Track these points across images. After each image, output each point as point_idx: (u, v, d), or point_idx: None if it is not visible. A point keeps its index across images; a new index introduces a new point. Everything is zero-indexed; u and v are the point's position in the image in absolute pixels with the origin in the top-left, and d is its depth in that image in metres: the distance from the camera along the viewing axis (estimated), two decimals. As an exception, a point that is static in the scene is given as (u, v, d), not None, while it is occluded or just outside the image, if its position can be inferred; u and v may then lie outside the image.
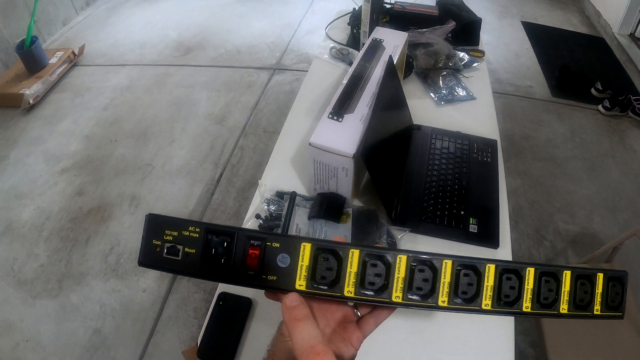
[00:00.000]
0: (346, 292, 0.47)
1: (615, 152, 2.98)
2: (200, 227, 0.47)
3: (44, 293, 2.19)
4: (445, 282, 0.47)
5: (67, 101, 3.40)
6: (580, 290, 0.49)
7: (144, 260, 0.48)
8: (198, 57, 3.86)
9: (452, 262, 0.47)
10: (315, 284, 0.47)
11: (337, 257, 0.47)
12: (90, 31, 4.34)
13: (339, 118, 1.10)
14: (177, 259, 0.47)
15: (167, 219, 0.47)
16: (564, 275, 0.48)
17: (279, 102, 3.30)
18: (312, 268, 0.47)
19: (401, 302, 0.47)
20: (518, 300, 0.48)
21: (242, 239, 0.47)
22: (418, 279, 0.47)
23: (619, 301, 0.51)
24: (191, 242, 0.47)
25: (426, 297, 0.47)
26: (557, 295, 0.48)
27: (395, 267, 0.47)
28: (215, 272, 0.47)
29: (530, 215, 2.54)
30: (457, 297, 0.47)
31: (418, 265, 0.47)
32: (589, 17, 4.56)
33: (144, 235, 0.48)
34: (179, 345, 2.00)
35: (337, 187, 1.14)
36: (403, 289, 0.47)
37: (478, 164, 1.33)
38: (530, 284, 0.48)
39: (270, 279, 0.47)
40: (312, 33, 4.11)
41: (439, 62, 1.70)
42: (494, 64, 3.70)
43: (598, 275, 0.49)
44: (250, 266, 0.47)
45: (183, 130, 3.09)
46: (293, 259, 0.47)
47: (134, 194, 2.65)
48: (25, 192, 2.69)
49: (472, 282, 0.47)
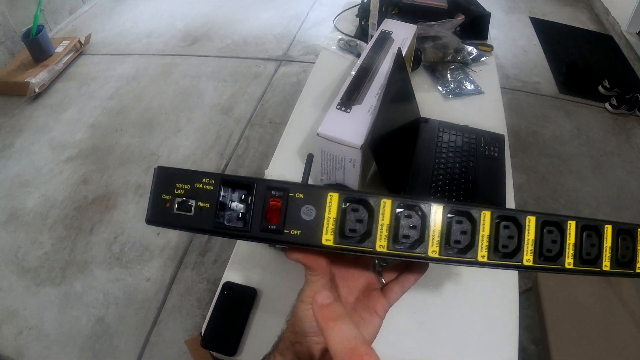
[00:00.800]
0: (378, 247, 0.42)
1: (622, 150, 2.96)
2: (215, 178, 0.43)
3: (47, 281, 2.20)
4: (484, 235, 0.43)
5: (72, 90, 3.40)
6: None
7: (153, 217, 0.44)
8: (204, 48, 3.86)
9: (491, 213, 0.43)
10: (344, 238, 0.42)
11: (368, 207, 0.43)
12: (97, 20, 4.34)
13: (347, 109, 1.10)
14: (189, 214, 0.43)
15: (178, 171, 0.43)
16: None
17: (286, 93, 3.29)
18: (340, 220, 0.42)
19: (438, 257, 0.43)
20: (560, 255, 0.44)
21: (261, 191, 0.43)
22: (456, 232, 0.43)
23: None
24: (205, 196, 0.43)
25: (464, 252, 0.43)
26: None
27: (430, 219, 0.43)
28: (232, 227, 0.43)
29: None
30: (498, 252, 0.43)
31: (455, 217, 0.43)
32: (598, 14, 4.54)
33: (152, 189, 0.44)
34: (182, 335, 2.00)
35: (344, 178, 1.14)
36: (440, 242, 0.43)
37: (485, 158, 1.32)
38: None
39: (293, 234, 0.42)
40: (320, 24, 4.09)
41: (447, 55, 1.69)
42: (501, 59, 3.68)
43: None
44: (271, 219, 0.42)
45: (189, 121, 3.09)
46: (319, 211, 0.42)
47: (139, 183, 2.65)
48: (30, 180, 2.70)
49: (513, 235, 0.43)
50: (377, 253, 0.43)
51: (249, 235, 0.43)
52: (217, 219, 0.43)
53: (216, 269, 2.22)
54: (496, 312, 0.99)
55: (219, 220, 0.43)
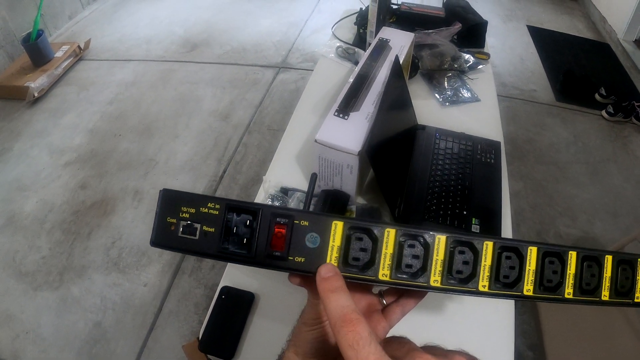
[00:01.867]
0: (381, 276, 0.43)
1: (618, 157, 2.98)
2: (221, 203, 0.44)
3: (45, 285, 2.20)
4: (486, 266, 0.44)
5: (72, 95, 3.41)
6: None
7: (157, 239, 0.44)
8: (203, 54, 3.87)
9: (494, 244, 0.44)
10: (347, 266, 0.43)
11: (372, 236, 0.43)
12: (97, 26, 4.35)
13: (344, 116, 1.11)
14: (194, 238, 0.43)
15: (183, 195, 0.44)
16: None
17: (284, 100, 3.30)
18: (345, 249, 0.43)
19: (440, 286, 0.44)
20: (560, 286, 0.45)
21: (266, 217, 0.43)
22: (458, 262, 0.44)
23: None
24: (210, 220, 0.43)
25: (466, 282, 0.44)
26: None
27: (434, 249, 0.44)
28: (236, 253, 0.43)
29: (531, 218, 2.54)
30: (499, 282, 0.44)
31: (458, 247, 0.44)
32: (595, 22, 4.56)
33: (157, 212, 0.44)
34: (179, 340, 2.01)
35: (342, 184, 1.15)
36: (442, 272, 0.44)
37: (481, 165, 1.33)
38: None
39: (298, 261, 0.43)
40: (318, 32, 4.11)
41: (445, 63, 1.71)
42: (498, 67, 3.70)
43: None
44: (275, 246, 0.43)
45: (187, 126, 3.10)
46: (323, 238, 0.43)
47: (137, 188, 2.66)
48: (29, 184, 2.70)
49: (514, 265, 0.44)
50: (380, 282, 0.44)
51: (254, 261, 0.44)
52: (222, 244, 0.43)
53: (213, 274, 2.22)
54: (492, 317, 1.00)
55: (223, 245, 0.43)
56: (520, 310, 1.95)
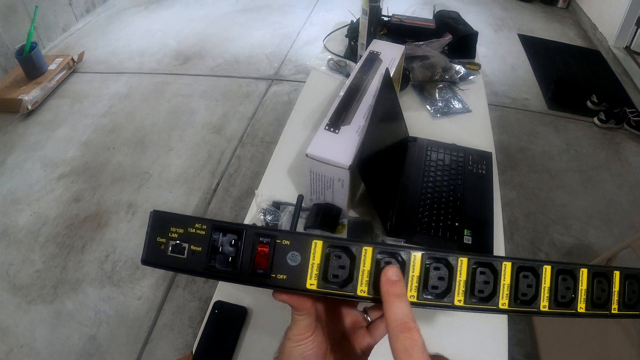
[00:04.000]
0: (359, 292, 0.45)
1: (611, 164, 3.00)
2: (207, 224, 0.45)
3: (39, 299, 2.19)
4: (461, 281, 0.46)
5: (65, 107, 3.41)
6: (598, 288, 0.48)
7: (148, 258, 0.45)
8: (197, 67, 3.88)
9: (468, 260, 0.46)
10: (327, 283, 0.45)
11: (350, 255, 0.45)
12: (90, 38, 4.36)
13: (335, 129, 1.12)
14: (182, 257, 0.45)
15: (172, 216, 0.46)
16: (581, 273, 0.47)
17: (277, 112, 3.31)
18: (324, 266, 0.45)
19: (416, 301, 0.45)
20: (535, 299, 0.46)
21: (250, 237, 0.45)
22: (433, 277, 0.45)
23: (636, 300, 0.49)
24: (197, 240, 0.45)
25: (441, 297, 0.45)
26: (574, 293, 0.47)
27: (410, 265, 0.45)
28: (222, 271, 0.45)
29: (525, 227, 2.55)
30: (474, 297, 0.46)
31: (433, 264, 0.46)
32: (585, 30, 4.60)
33: (148, 232, 0.45)
34: (174, 354, 2.00)
35: (333, 198, 1.15)
36: (418, 287, 0.45)
37: (473, 176, 1.34)
38: (547, 282, 0.47)
39: (280, 278, 0.45)
40: (311, 44, 4.13)
41: (436, 74, 1.72)
42: (490, 76, 3.73)
43: (615, 273, 0.48)
44: (259, 264, 0.45)
45: (180, 139, 3.10)
46: (304, 256, 0.45)
47: (131, 201, 2.65)
48: (22, 198, 2.70)
49: (489, 280, 0.46)
50: (358, 297, 0.46)
51: (238, 278, 0.45)
52: (209, 262, 0.45)
53: (208, 288, 2.22)
54: (485, 328, 1.00)
55: (210, 263, 0.45)
56: (516, 320, 1.96)
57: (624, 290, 0.48)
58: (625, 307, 0.48)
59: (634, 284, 0.49)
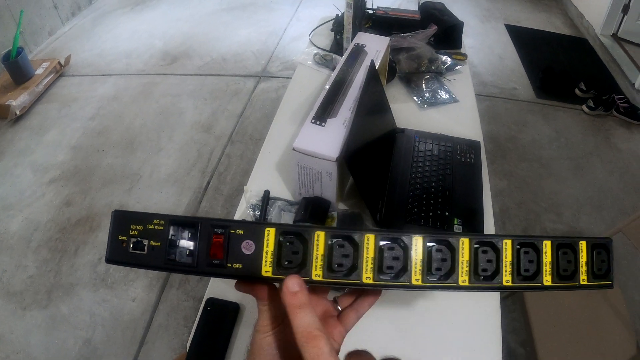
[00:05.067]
0: (314, 276, 0.46)
1: (600, 151, 3.01)
2: (164, 219, 0.46)
3: (33, 304, 2.19)
4: (418, 260, 0.46)
5: (54, 112, 3.40)
6: (563, 260, 0.48)
7: (111, 256, 0.46)
8: (184, 66, 3.87)
9: (423, 238, 0.46)
10: (281, 269, 0.46)
11: (303, 240, 0.46)
12: (77, 41, 4.34)
13: (321, 123, 1.12)
14: (143, 253, 0.46)
15: (132, 214, 0.47)
16: (544, 245, 0.48)
17: (265, 109, 3.31)
18: (278, 253, 0.46)
19: (372, 282, 0.46)
20: (497, 274, 0.47)
21: (206, 229, 0.46)
22: (388, 258, 0.46)
23: (605, 269, 0.49)
24: (156, 236, 0.46)
25: (398, 277, 0.46)
26: (538, 266, 0.47)
27: (363, 247, 0.46)
28: (181, 264, 0.46)
29: (517, 215, 2.56)
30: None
31: (388, 245, 0.46)
32: (572, 18, 4.62)
33: (110, 231, 0.47)
34: (170, 354, 2.00)
35: (322, 191, 1.15)
36: (373, 269, 0.46)
37: (462, 165, 1.34)
38: (508, 256, 0.47)
39: (236, 267, 0.46)
40: (297, 40, 4.13)
41: (422, 66, 1.72)
42: (478, 67, 3.73)
43: (580, 244, 0.49)
44: (215, 255, 0.46)
45: (170, 139, 3.09)
46: (258, 245, 0.46)
47: (122, 203, 2.65)
48: (13, 203, 2.68)
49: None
50: (313, 282, 0.46)
51: (197, 270, 0.46)
52: (168, 257, 0.46)
53: (201, 286, 2.22)
54: (479, 316, 1.01)
55: (169, 257, 0.46)
56: (510, 308, 1.96)
57: (592, 261, 0.49)
58: (595, 278, 0.49)
59: (602, 254, 0.49)
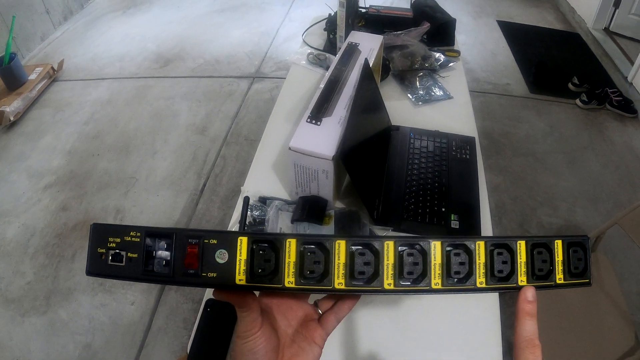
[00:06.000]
0: (287, 283, 0.47)
1: (595, 144, 3.02)
2: (141, 231, 0.47)
3: (32, 310, 2.18)
4: (389, 264, 0.47)
5: (47, 117, 3.39)
6: (538, 259, 0.49)
7: (91, 269, 0.47)
8: (177, 69, 3.87)
9: (394, 243, 0.47)
10: (254, 277, 0.47)
11: (274, 248, 0.47)
12: (69, 46, 4.33)
13: (317, 122, 1.12)
14: (121, 264, 0.47)
15: (109, 227, 0.48)
16: (518, 245, 0.48)
17: (260, 110, 3.31)
18: (250, 261, 0.47)
19: (344, 288, 0.47)
20: (471, 275, 0.48)
21: (181, 239, 0.47)
22: (359, 264, 0.47)
23: (582, 267, 0.50)
24: (133, 247, 0.47)
25: (370, 282, 0.47)
26: (512, 266, 0.48)
27: (334, 253, 0.47)
28: (158, 274, 0.47)
29: (513, 210, 2.57)
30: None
31: (358, 250, 0.47)
32: (564, 13, 4.63)
33: (89, 244, 0.47)
34: (170, 357, 2.00)
35: (319, 190, 1.15)
36: (345, 274, 0.47)
37: (457, 161, 1.35)
38: (481, 258, 0.48)
39: (210, 276, 0.46)
40: (290, 40, 4.14)
41: (415, 63, 1.72)
42: (471, 63, 3.74)
43: (556, 243, 0.49)
44: (190, 265, 0.46)
45: (165, 142, 3.09)
46: (231, 254, 0.46)
47: (118, 207, 2.64)
48: (9, 210, 2.68)
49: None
50: (286, 289, 0.47)
51: (173, 280, 0.47)
52: (146, 268, 0.47)
53: (201, 288, 2.21)
54: (478, 311, 1.01)
55: (147, 268, 0.47)
56: (509, 303, 1.96)
57: (569, 259, 0.49)
58: (572, 276, 0.49)
59: (579, 252, 0.50)
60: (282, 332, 0.54)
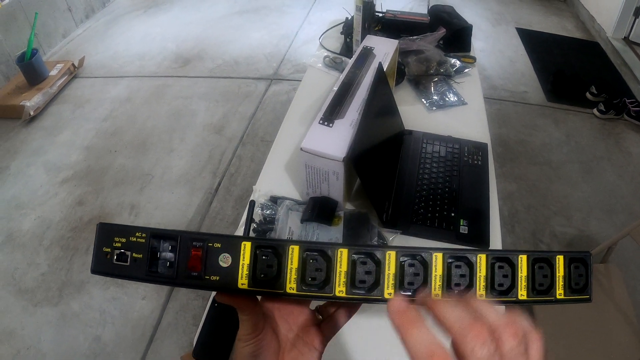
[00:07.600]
0: (288, 289, 0.47)
1: (611, 154, 3.00)
2: (146, 232, 0.48)
3: (44, 301, 2.22)
4: (390, 274, 0.47)
5: (67, 112, 3.44)
6: (539, 274, 0.48)
7: (96, 267, 0.48)
8: (196, 69, 3.91)
9: (396, 253, 0.47)
10: (257, 282, 0.47)
11: (277, 254, 0.47)
12: (90, 43, 4.39)
13: (329, 123, 1.13)
14: (126, 264, 0.47)
15: (116, 227, 0.48)
16: (520, 259, 0.48)
17: (276, 111, 3.33)
18: (253, 266, 0.47)
19: (345, 296, 0.47)
20: (471, 287, 0.47)
21: (185, 242, 0.47)
22: (360, 272, 0.47)
23: (583, 283, 0.49)
24: (138, 248, 0.47)
25: (371, 290, 0.47)
26: (513, 280, 0.48)
27: (336, 261, 0.47)
28: (162, 275, 0.47)
29: (526, 219, 2.56)
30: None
31: (360, 259, 0.47)
32: (584, 22, 4.60)
33: (95, 243, 0.48)
34: (178, 352, 2.02)
35: (329, 191, 1.17)
36: (346, 283, 0.47)
37: (469, 167, 1.35)
38: (482, 270, 0.48)
39: (213, 279, 0.47)
40: (309, 43, 4.15)
41: (431, 68, 1.73)
42: (488, 70, 3.73)
43: (557, 258, 0.49)
44: (193, 267, 0.47)
45: (182, 141, 3.12)
46: (234, 258, 0.47)
47: (134, 203, 2.68)
48: (26, 202, 2.72)
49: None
50: (288, 295, 0.47)
51: (176, 282, 0.47)
52: (150, 269, 0.47)
53: (211, 286, 2.23)
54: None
55: (151, 269, 0.47)
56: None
57: (570, 275, 0.49)
58: (572, 292, 0.49)
59: (580, 268, 0.50)
60: (283, 336, 0.54)
